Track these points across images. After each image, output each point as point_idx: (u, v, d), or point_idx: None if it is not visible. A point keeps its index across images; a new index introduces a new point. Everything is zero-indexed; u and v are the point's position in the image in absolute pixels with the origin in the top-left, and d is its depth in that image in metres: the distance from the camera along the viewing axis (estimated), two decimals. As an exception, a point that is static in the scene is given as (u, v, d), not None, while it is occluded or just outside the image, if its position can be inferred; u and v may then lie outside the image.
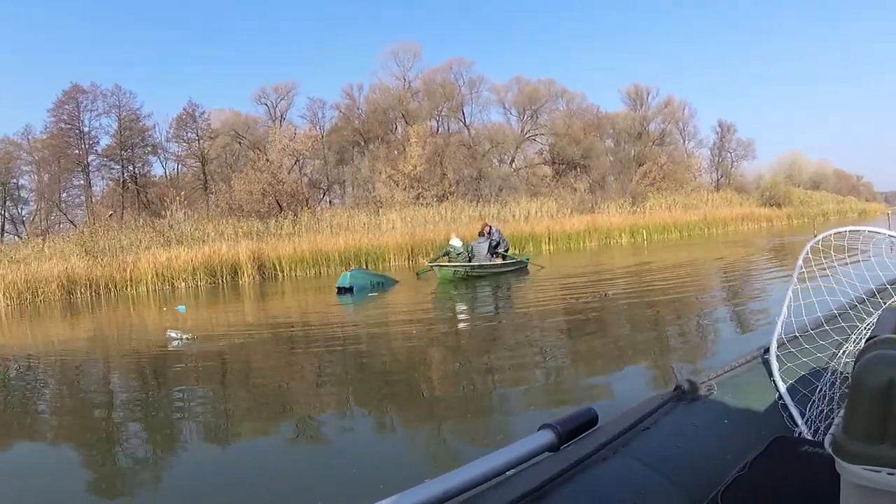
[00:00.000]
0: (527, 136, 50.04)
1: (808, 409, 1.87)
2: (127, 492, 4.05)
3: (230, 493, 3.77)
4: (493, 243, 17.70)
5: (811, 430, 1.82)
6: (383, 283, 16.48)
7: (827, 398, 1.87)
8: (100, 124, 45.02)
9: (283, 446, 4.63)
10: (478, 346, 8.02)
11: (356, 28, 74.73)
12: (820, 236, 2.21)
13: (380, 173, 42.61)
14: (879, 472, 0.94)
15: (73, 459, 4.72)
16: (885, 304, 2.10)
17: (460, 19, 77.81)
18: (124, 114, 45.11)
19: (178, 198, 38.82)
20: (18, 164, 44.95)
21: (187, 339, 9.16)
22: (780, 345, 2.09)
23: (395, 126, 47.02)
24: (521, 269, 18.38)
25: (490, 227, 18.47)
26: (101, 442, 5.04)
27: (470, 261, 16.82)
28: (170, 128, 47.31)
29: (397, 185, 41.54)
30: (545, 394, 5.37)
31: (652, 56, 79.65)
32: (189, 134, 47.35)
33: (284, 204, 39.45)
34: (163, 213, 37.17)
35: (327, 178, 47.93)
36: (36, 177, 45.46)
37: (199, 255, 24.36)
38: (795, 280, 2.17)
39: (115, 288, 23.25)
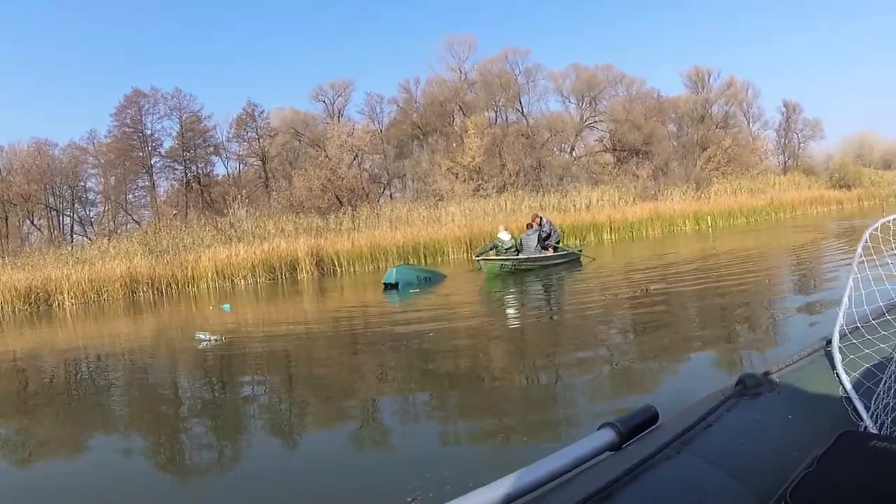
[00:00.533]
0: (586, 123, 48.77)
1: (872, 402, 1.79)
2: (192, 480, 4.18)
3: (290, 486, 3.79)
4: (544, 235, 16.96)
5: (877, 424, 1.74)
6: (430, 279, 16.09)
7: (893, 391, 1.80)
8: (161, 127, 46.04)
9: (343, 441, 4.60)
10: (524, 342, 7.75)
11: (411, 22, 74.16)
12: (879, 222, 2.12)
13: (439, 166, 42.32)
14: None
15: (143, 448, 4.91)
16: None
17: (513, 7, 76.39)
18: (185, 116, 45.96)
19: (239, 196, 39.24)
20: (85, 168, 46.24)
21: (215, 340, 9.01)
22: (842, 336, 1.98)
23: (452, 118, 46.49)
24: (572, 261, 17.58)
25: (540, 218, 17.65)
26: (169, 432, 5.20)
27: (518, 254, 16.13)
28: (230, 128, 47.98)
29: (456, 177, 41.16)
30: (602, 390, 5.16)
31: (712, 36, 76.54)
32: (249, 133, 47.90)
33: (344, 199, 39.48)
34: (225, 211, 37.68)
35: (387, 173, 47.86)
36: (102, 179, 46.63)
37: (259, 252, 24.41)
38: (855, 269, 2.06)
39: (177, 286, 23.43)
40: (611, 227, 29.83)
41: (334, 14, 71.59)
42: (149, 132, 45.27)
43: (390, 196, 46.58)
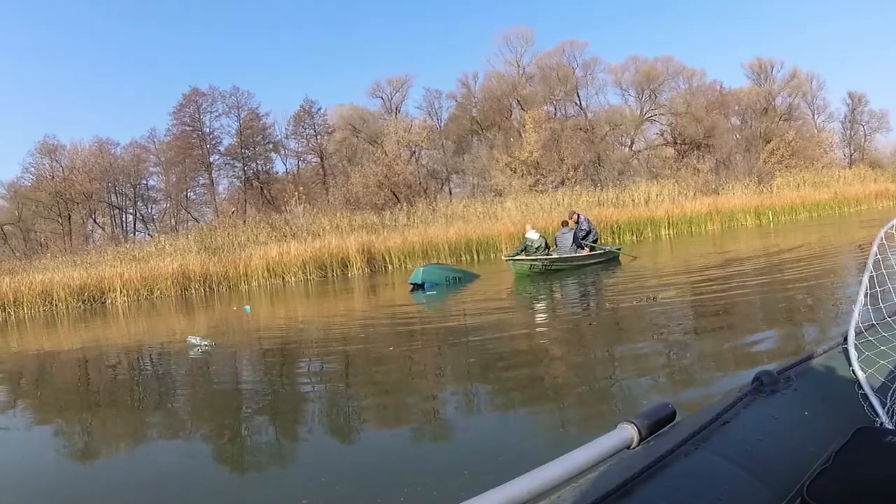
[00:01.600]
0: (646, 116, 47.48)
1: (888, 399, 1.78)
2: (249, 472, 4.19)
3: (355, 477, 3.82)
4: (582, 233, 16.13)
5: (893, 420, 1.72)
6: (460, 279, 15.47)
7: None
8: (220, 125, 46.67)
9: (404, 434, 4.67)
10: (538, 345, 7.48)
11: (468, 16, 73.40)
12: (894, 221, 2.12)
13: (497, 161, 41.69)
14: None
15: (200, 440, 5.01)
16: None
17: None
18: (243, 113, 46.41)
19: (296, 193, 39.38)
20: (147, 166, 47.07)
21: (206, 345, 8.85)
22: (858, 333, 2.02)
23: (510, 113, 45.85)
24: (609, 260, 16.54)
25: (578, 215, 16.83)
26: (227, 426, 5.26)
27: (550, 253, 15.27)
28: (288, 125, 48.26)
29: (514, 172, 40.46)
30: (624, 391, 5.08)
31: (774, 26, 73.30)
32: (306, 130, 48.13)
33: (401, 195, 39.24)
34: (283, 208, 37.85)
35: (446, 169, 47.49)
36: (164, 177, 47.43)
37: (309, 250, 24.16)
38: (870, 267, 2.09)
39: (228, 283, 23.34)
40: (669, 222, 28.76)
41: (391, 10, 71.40)
42: (207, 130, 45.95)
43: (449, 192, 46.22)
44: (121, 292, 21.89)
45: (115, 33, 63.46)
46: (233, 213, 40.42)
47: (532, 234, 15.62)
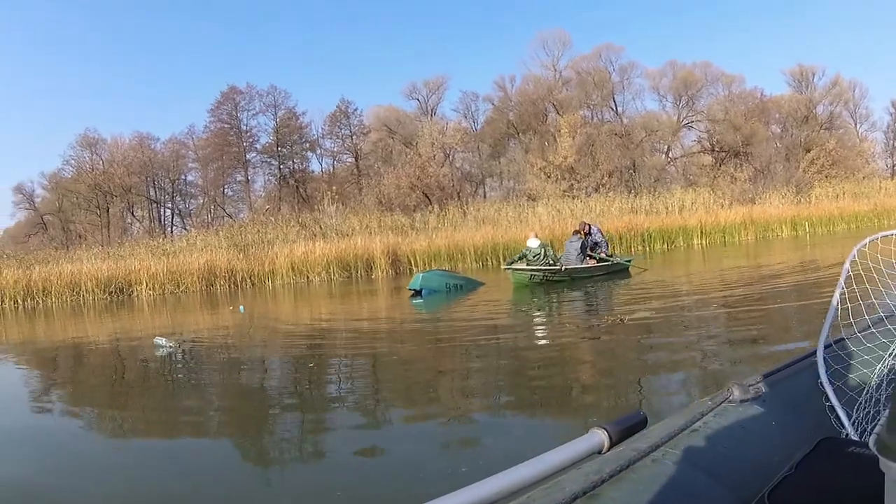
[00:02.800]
0: (683, 123, 46.77)
1: (854, 411, 1.88)
2: (275, 464, 4.18)
3: (377, 478, 3.78)
4: (592, 243, 15.48)
5: (857, 432, 1.82)
6: (463, 286, 14.96)
7: (874, 400, 1.88)
8: (257, 123, 47.16)
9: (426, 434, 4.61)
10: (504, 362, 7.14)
11: (504, 19, 72.87)
12: (867, 240, 2.24)
13: (531, 165, 41.38)
14: None
15: (221, 429, 5.05)
16: None
17: (608, 3, 73.64)
18: (280, 112, 46.86)
19: (329, 193, 39.59)
20: (185, 162, 47.78)
21: (170, 346, 8.88)
22: (828, 347, 2.09)
23: (545, 117, 45.57)
24: (617, 272, 15.63)
25: (589, 226, 16.04)
26: (248, 422, 5.24)
27: (553, 263, 14.36)
28: (324, 125, 48.59)
29: (548, 176, 40.11)
30: (593, 400, 5.15)
31: (816, 32, 71.17)
32: (342, 130, 48.40)
33: (433, 197, 39.19)
34: (316, 207, 38.09)
35: (481, 172, 47.33)
36: (201, 173, 48.10)
37: (334, 250, 24.20)
38: (842, 283, 2.15)
39: (253, 280, 23.51)
40: (701, 232, 28.08)
41: (428, 11, 71.24)
42: (244, 128, 46.48)
43: (484, 195, 46.07)
44: (146, 286, 22.22)
45: (155, 31, 64.98)
46: (266, 210, 40.80)
47: (533, 242, 14.85)
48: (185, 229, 42.73)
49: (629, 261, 16.88)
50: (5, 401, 6.69)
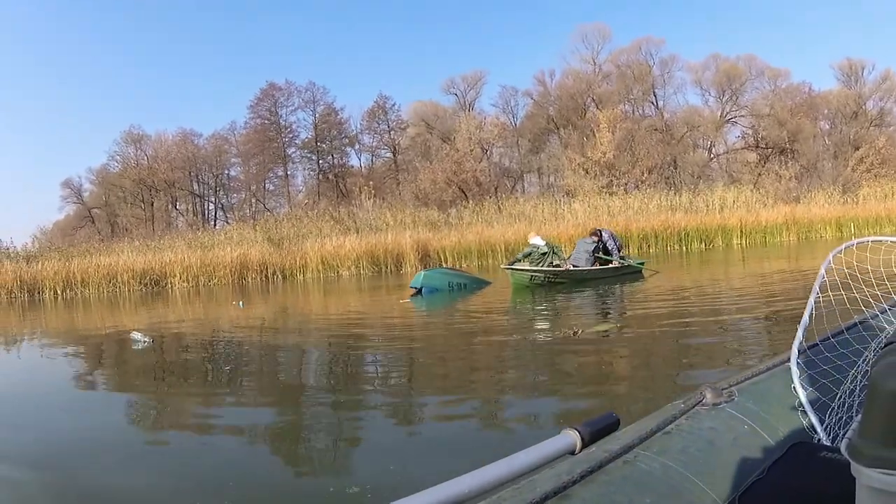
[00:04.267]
0: (727, 118, 45.50)
1: (827, 416, 1.90)
2: (312, 454, 4.10)
3: (412, 463, 3.69)
4: (608, 246, 14.75)
5: (829, 437, 1.83)
6: (466, 285, 14.47)
7: (846, 405, 1.89)
8: (296, 118, 47.72)
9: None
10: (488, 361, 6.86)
11: (543, 12, 71.91)
12: (843, 246, 2.30)
13: (570, 160, 40.92)
14: (894, 475, 0.95)
15: (267, 419, 4.93)
16: None
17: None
18: (319, 108, 47.35)
19: (365, 188, 39.91)
20: (228, 157, 48.63)
21: (146, 341, 9.00)
22: (801, 352, 2.11)
23: (584, 112, 44.90)
24: (628, 274, 14.78)
25: (600, 232, 15.09)
26: (286, 409, 5.23)
27: (555, 263, 13.52)
28: (362, 120, 48.95)
29: (587, 172, 39.64)
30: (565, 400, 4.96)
31: (866, 24, 68.34)
32: (380, 125, 48.71)
33: (470, 193, 39.19)
34: (354, 202, 38.42)
35: (520, 167, 47.14)
36: (243, 168, 48.91)
37: (364, 245, 24.43)
38: (817, 289, 2.18)
39: (284, 274, 23.89)
40: (741, 231, 27.35)
41: (467, 6, 70.87)
42: (284, 124, 47.06)
43: (523, 190, 45.81)
44: (180, 278, 22.78)
45: (196, 28, 66.29)
46: (305, 204, 41.27)
47: (537, 241, 14.14)
48: (227, 223, 43.55)
49: (642, 263, 16.07)
50: (41, 387, 6.83)
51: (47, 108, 65.21)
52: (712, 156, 44.96)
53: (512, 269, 13.66)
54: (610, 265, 14.62)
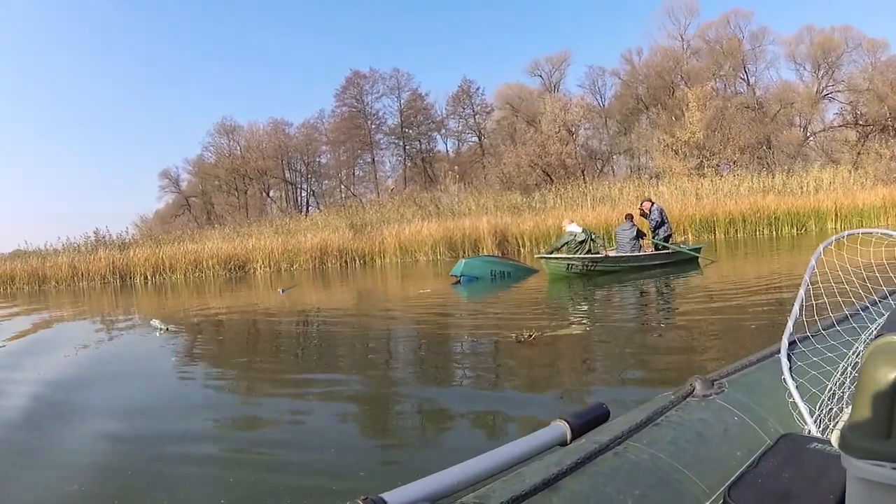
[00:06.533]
0: (822, 94, 42.77)
1: (817, 408, 1.88)
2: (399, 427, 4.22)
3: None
4: (654, 224, 13.61)
5: (820, 429, 1.82)
6: (510, 273, 13.98)
7: (836, 397, 1.90)
8: (382, 105, 48.30)
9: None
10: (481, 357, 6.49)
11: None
12: (833, 238, 2.31)
13: (659, 141, 39.65)
14: (884, 466, 0.97)
15: (348, 395, 5.03)
16: None
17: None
18: (404, 94, 47.78)
19: (450, 172, 40.01)
20: (317, 145, 49.76)
21: (163, 328, 9.22)
22: (792, 344, 2.11)
23: (672, 90, 43.38)
24: (678, 262, 13.54)
25: (651, 203, 13.97)
26: (371, 386, 5.30)
27: (594, 250, 12.58)
28: (447, 105, 49.07)
29: (676, 153, 38.35)
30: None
31: None
32: (465, 110, 48.70)
33: (555, 175, 38.71)
34: (439, 187, 38.61)
35: (609, 148, 46.24)
36: (332, 155, 49.98)
37: (441, 230, 24.54)
38: (808, 280, 2.21)
39: (363, 259, 24.30)
40: (836, 215, 25.63)
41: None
42: (370, 111, 47.75)
43: (612, 172, 44.87)
44: (262, 263, 23.56)
45: (281, 20, 68.38)
46: (391, 191, 41.76)
47: (573, 227, 13.04)
48: (318, 209, 44.59)
49: (697, 249, 14.63)
50: (135, 363, 7.14)
51: (145, 106, 69.12)
52: (808, 134, 42.50)
53: (547, 257, 12.88)
54: (660, 251, 13.45)
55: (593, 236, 12.88)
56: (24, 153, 68.40)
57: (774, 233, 24.83)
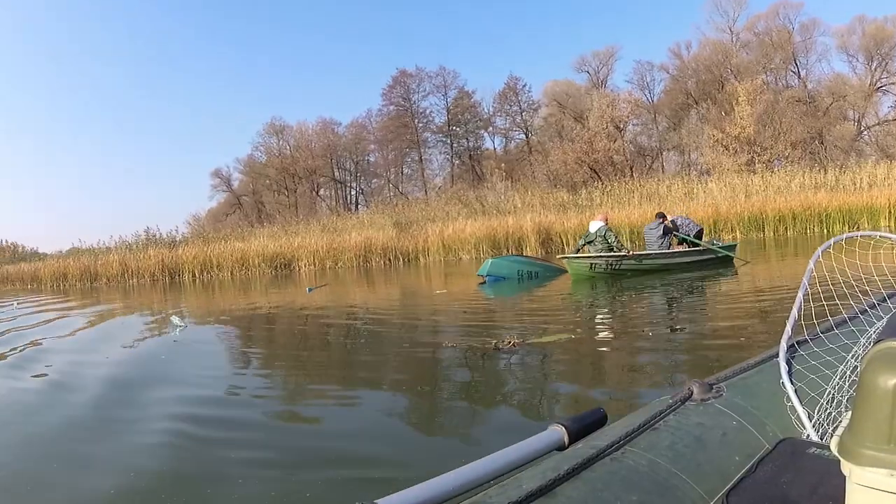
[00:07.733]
0: (877, 86, 41.19)
1: (816, 412, 1.86)
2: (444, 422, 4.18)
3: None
4: (686, 231, 12.67)
5: (819, 433, 1.80)
6: (538, 273, 13.49)
7: (835, 401, 1.88)
8: (428, 104, 48.51)
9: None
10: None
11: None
12: (832, 241, 2.30)
13: (708, 137, 38.90)
14: (884, 473, 0.96)
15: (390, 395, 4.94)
16: (895, 308, 2.27)
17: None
18: (451, 92, 47.90)
19: (497, 170, 39.97)
20: (366, 144, 50.27)
21: (181, 326, 9.31)
22: (790, 347, 2.10)
23: (721, 84, 42.43)
24: (710, 262, 12.73)
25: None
26: (417, 389, 5.13)
27: (619, 249, 11.98)
28: (494, 102, 49.01)
29: (726, 148, 37.58)
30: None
31: None
32: (512, 107, 48.57)
33: (602, 172, 38.35)
34: (486, 185, 38.60)
35: (659, 144, 45.62)
36: (380, 154, 50.40)
37: (485, 228, 24.57)
38: (806, 284, 2.20)
39: (407, 257, 24.49)
40: (889, 212, 24.51)
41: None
42: (417, 109, 48.01)
43: (661, 168, 44.24)
44: (306, 261, 23.96)
45: (328, 22, 68.83)
46: (438, 189, 41.87)
47: (594, 225, 12.42)
48: (367, 207, 44.98)
49: (731, 247, 13.71)
50: (179, 357, 7.30)
51: (194, 111, 71.27)
52: (862, 128, 41.09)
53: (569, 257, 12.25)
54: (692, 248, 12.77)
55: (609, 234, 12.11)
56: (90, 163, 71.14)
57: (825, 231, 24.14)
